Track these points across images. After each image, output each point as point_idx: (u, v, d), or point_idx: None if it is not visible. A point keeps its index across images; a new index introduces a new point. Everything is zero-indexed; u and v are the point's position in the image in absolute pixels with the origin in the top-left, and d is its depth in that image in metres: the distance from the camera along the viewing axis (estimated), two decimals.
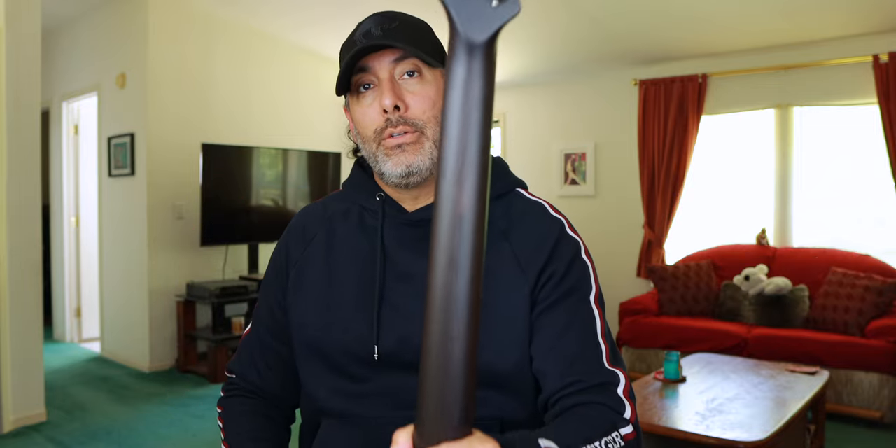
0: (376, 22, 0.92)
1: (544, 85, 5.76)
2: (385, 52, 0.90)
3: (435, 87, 0.92)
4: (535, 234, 0.94)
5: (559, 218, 0.97)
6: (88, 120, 5.51)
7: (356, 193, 1.03)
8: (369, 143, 0.93)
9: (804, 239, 4.72)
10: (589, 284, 0.94)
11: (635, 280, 5.26)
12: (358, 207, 1.03)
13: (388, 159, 0.91)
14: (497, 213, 0.97)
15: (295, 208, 5.24)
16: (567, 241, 0.95)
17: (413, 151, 0.90)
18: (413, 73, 0.91)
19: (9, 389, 3.53)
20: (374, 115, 0.91)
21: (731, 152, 5.03)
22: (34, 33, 3.66)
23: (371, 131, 0.92)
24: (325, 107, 5.77)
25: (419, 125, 0.90)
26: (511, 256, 0.93)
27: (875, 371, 3.60)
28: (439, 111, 0.90)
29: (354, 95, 0.94)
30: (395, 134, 0.90)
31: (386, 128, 0.90)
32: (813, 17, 4.13)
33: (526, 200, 1.00)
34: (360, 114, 0.93)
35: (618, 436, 0.80)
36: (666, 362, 3.03)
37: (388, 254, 0.96)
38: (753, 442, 2.27)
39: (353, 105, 0.95)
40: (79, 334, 5.62)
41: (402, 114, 0.89)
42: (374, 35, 0.89)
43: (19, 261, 3.57)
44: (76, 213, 5.57)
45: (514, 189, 1.01)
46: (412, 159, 0.90)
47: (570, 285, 0.92)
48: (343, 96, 0.98)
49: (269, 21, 5.04)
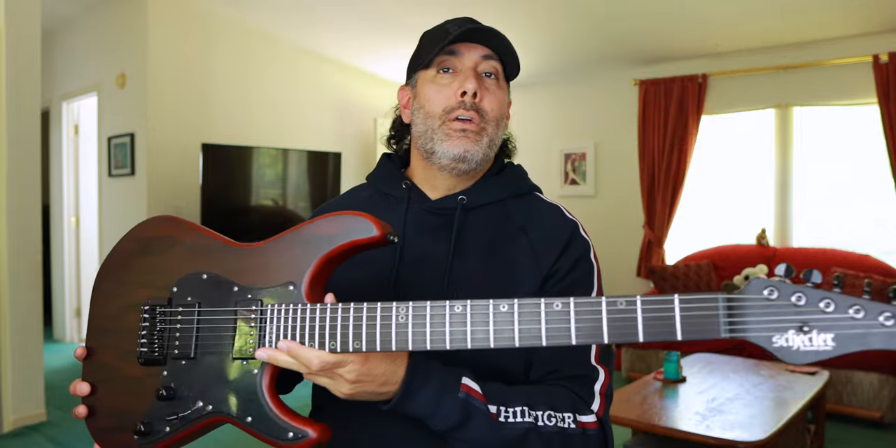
0: (472, 20, 0.98)
1: (544, 85, 5.76)
2: (476, 47, 0.96)
3: (504, 94, 0.99)
4: (551, 231, 0.99)
5: (573, 220, 1.03)
6: (88, 120, 5.51)
7: (382, 183, 1.06)
8: (433, 118, 0.96)
9: (804, 239, 4.72)
10: (591, 284, 0.98)
11: (635, 280, 5.26)
12: (380, 194, 1.06)
13: (448, 139, 0.95)
14: (518, 208, 1.02)
15: (295, 208, 5.24)
16: (578, 241, 0.99)
17: (474, 139, 0.95)
18: (492, 74, 0.98)
19: (9, 389, 3.53)
20: (448, 95, 0.95)
21: (731, 152, 5.03)
22: (34, 33, 3.66)
23: (440, 109, 0.96)
24: (325, 107, 5.77)
25: (486, 118, 0.96)
26: (529, 249, 0.97)
27: (875, 371, 3.60)
28: (502, 115, 0.99)
29: (431, 72, 0.98)
30: (462, 117, 0.94)
31: (457, 108, 0.94)
32: (813, 17, 4.13)
33: (544, 202, 1.06)
34: (435, 91, 0.97)
35: (571, 418, 0.83)
36: (666, 362, 3.03)
37: (406, 238, 0.99)
38: (753, 442, 2.27)
39: (427, 82, 0.98)
40: (79, 334, 5.62)
41: (478, 102, 0.94)
42: (473, 26, 0.95)
43: (19, 261, 3.57)
44: (76, 213, 5.57)
45: (532, 192, 1.07)
46: (471, 146, 0.95)
47: (573, 281, 0.96)
48: (411, 75, 1.03)
49: (269, 21, 5.04)
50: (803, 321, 0.56)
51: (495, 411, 0.80)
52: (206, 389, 0.83)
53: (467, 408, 0.79)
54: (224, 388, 0.82)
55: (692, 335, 0.60)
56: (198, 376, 0.84)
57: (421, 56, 1.00)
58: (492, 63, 0.97)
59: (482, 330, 0.70)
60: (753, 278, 0.60)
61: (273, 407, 0.79)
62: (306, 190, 5.34)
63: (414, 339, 0.72)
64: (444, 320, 0.71)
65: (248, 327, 0.82)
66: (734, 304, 0.59)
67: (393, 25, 4.52)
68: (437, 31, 1.00)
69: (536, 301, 0.68)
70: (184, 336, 0.85)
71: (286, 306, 0.80)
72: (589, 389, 0.89)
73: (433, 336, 0.72)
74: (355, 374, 0.75)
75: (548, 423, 0.82)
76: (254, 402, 0.80)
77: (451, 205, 0.99)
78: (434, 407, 0.79)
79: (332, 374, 0.76)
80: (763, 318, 0.58)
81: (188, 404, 0.83)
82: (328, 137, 5.78)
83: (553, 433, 0.82)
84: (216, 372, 0.83)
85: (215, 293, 0.85)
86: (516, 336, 0.68)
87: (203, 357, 0.84)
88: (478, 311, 0.70)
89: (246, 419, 0.80)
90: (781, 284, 0.58)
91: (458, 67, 0.96)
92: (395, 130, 1.10)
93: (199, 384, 0.83)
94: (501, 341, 0.68)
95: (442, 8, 3.74)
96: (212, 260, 0.87)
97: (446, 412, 0.79)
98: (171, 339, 0.86)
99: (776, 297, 0.58)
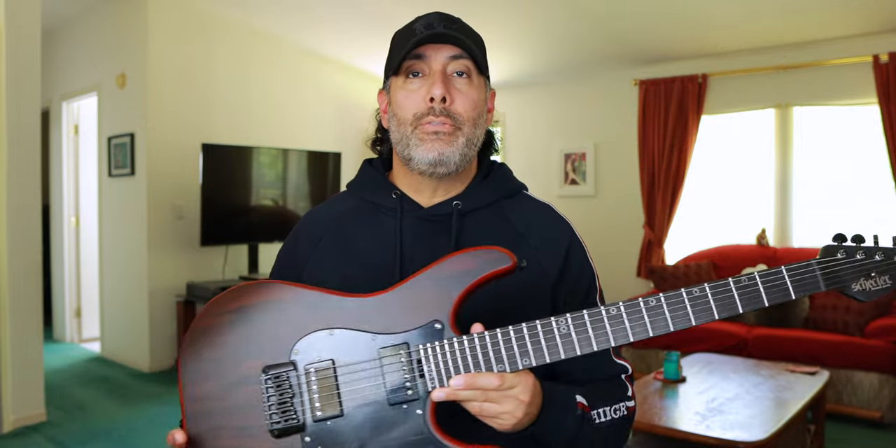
0: (439, 18, 0.97)
1: (544, 85, 5.76)
2: (444, 47, 0.94)
3: (478, 91, 0.97)
4: (550, 236, 1.01)
5: (567, 221, 1.05)
6: (88, 120, 5.51)
7: (368, 192, 1.05)
8: (405, 125, 0.96)
9: (804, 239, 4.72)
10: (596, 287, 1.03)
11: (635, 280, 5.26)
12: (368, 205, 1.04)
13: (422, 144, 0.94)
14: (512, 210, 1.02)
15: (295, 208, 5.24)
16: (577, 246, 1.02)
17: (447, 141, 0.94)
18: (463, 73, 0.96)
19: (9, 389, 3.53)
20: (417, 101, 0.94)
21: (731, 152, 5.03)
22: (34, 33, 3.66)
23: (411, 115, 0.95)
24: (325, 107, 5.78)
25: (459, 121, 0.94)
26: (533, 254, 0.98)
27: (875, 371, 3.60)
28: (478, 114, 0.97)
29: (400, 79, 0.97)
30: (434, 122, 0.93)
31: (427, 115, 0.94)
32: (813, 17, 4.13)
33: (535, 202, 1.06)
34: (404, 97, 0.96)
35: (623, 407, 0.96)
36: (666, 362, 3.03)
37: (405, 248, 0.98)
38: (753, 442, 2.27)
39: (397, 88, 0.97)
40: (79, 334, 5.62)
41: (447, 106, 0.93)
42: (437, 29, 0.94)
43: (19, 261, 3.57)
44: (76, 213, 5.57)
45: (521, 191, 1.07)
46: (445, 148, 0.94)
47: (584, 289, 1.01)
48: (386, 79, 1.02)
49: (269, 21, 5.04)
50: (868, 270, 0.78)
51: (594, 416, 0.90)
52: (364, 443, 0.83)
53: (581, 423, 0.88)
54: (386, 435, 0.83)
55: (801, 293, 0.79)
56: (350, 433, 0.83)
57: (390, 59, 0.99)
58: (462, 62, 0.95)
59: (639, 324, 0.81)
60: (825, 246, 0.81)
61: (444, 439, 0.82)
62: (306, 190, 5.34)
63: (580, 344, 0.81)
64: (603, 323, 0.81)
65: (401, 372, 0.83)
66: (824, 267, 0.79)
67: (396, 27, 4.51)
68: (405, 31, 0.98)
69: (678, 292, 0.80)
70: (325, 396, 0.84)
71: (440, 343, 0.83)
72: (622, 382, 0.99)
73: (598, 339, 0.81)
74: (529, 393, 0.81)
75: (614, 417, 0.93)
76: (425, 439, 0.82)
77: (446, 211, 0.99)
78: (559, 424, 0.86)
79: (506, 397, 0.80)
80: (843, 273, 0.79)
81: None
82: (328, 137, 5.79)
83: (617, 419, 0.94)
84: (373, 423, 0.83)
85: (350, 346, 0.85)
86: (670, 323, 0.80)
87: (353, 412, 0.83)
88: (631, 310, 0.81)
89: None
90: (847, 247, 0.79)
91: (426, 71, 0.95)
92: (377, 134, 1.10)
93: (354, 440, 0.83)
94: (658, 329, 0.81)
95: (443, 9, 3.73)
96: (330, 315, 0.86)
97: (567, 427, 0.87)
98: (309, 402, 0.84)
99: (845, 256, 0.79)
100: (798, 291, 0.79)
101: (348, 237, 1.02)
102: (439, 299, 0.84)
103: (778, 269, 0.80)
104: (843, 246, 0.79)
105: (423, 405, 0.82)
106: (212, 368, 0.87)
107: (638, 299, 0.81)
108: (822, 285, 0.78)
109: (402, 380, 0.83)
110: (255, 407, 0.85)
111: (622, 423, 0.95)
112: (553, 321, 0.81)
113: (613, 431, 0.94)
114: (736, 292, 0.80)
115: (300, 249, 1.05)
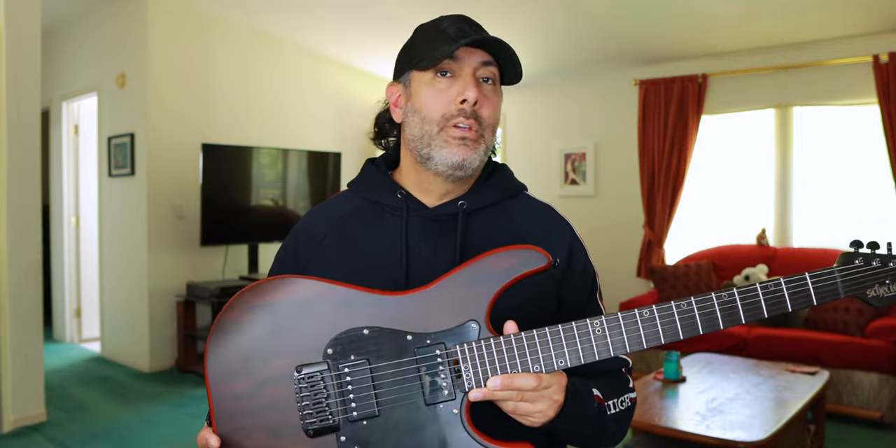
0: (469, 22, 0.98)
1: (544, 85, 5.76)
2: (476, 51, 0.95)
3: (499, 100, 0.99)
4: (553, 237, 1.02)
5: (567, 221, 1.06)
6: (88, 120, 5.51)
7: (372, 191, 1.04)
8: (430, 124, 0.95)
9: (804, 239, 4.72)
10: (596, 285, 1.05)
11: (635, 280, 5.26)
12: (371, 204, 1.04)
13: (447, 147, 0.94)
14: (514, 210, 1.03)
15: (295, 208, 5.25)
16: (578, 246, 1.03)
17: (472, 147, 0.95)
18: (489, 79, 0.97)
19: (9, 389, 3.53)
20: (446, 101, 0.94)
21: (731, 152, 5.03)
22: (34, 33, 3.66)
23: (439, 115, 0.95)
24: (325, 107, 5.78)
25: (483, 126, 0.95)
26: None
27: (875, 371, 3.60)
28: (497, 121, 0.99)
29: (428, 75, 0.96)
30: (462, 125, 0.94)
31: (457, 116, 0.94)
32: (813, 17, 4.13)
33: (536, 202, 1.07)
34: (433, 96, 0.95)
35: (627, 398, 1.00)
36: (666, 362, 3.04)
37: (410, 248, 0.98)
38: (753, 442, 2.27)
39: (423, 84, 0.96)
40: (79, 334, 5.62)
41: (477, 109, 0.94)
42: (470, 33, 0.95)
43: (19, 261, 3.57)
44: (76, 213, 5.57)
45: (521, 191, 1.07)
46: (469, 154, 0.95)
47: (588, 289, 1.03)
48: (403, 73, 1.00)
49: (269, 21, 5.04)
50: (882, 277, 0.81)
51: (607, 407, 0.94)
52: (400, 443, 0.83)
53: (598, 415, 0.91)
54: (423, 436, 0.83)
55: (822, 300, 0.81)
56: (387, 432, 0.83)
57: (415, 55, 0.97)
58: (490, 69, 0.96)
59: (670, 327, 0.82)
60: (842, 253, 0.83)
61: (481, 438, 0.82)
62: (306, 190, 5.34)
63: (614, 346, 0.82)
64: (637, 326, 0.82)
65: (438, 372, 0.83)
66: (844, 274, 0.81)
67: (397, 27, 4.52)
68: (434, 30, 0.97)
69: (708, 296, 0.82)
70: (360, 396, 0.83)
71: (477, 343, 0.83)
72: (624, 375, 1.02)
73: (630, 341, 0.82)
74: (562, 393, 0.84)
75: (622, 408, 0.97)
76: (461, 439, 0.82)
77: (451, 211, 0.99)
78: (582, 417, 0.88)
79: (541, 397, 0.82)
80: (862, 280, 0.81)
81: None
82: (328, 137, 5.79)
83: (624, 410, 0.97)
84: (409, 423, 0.83)
85: (386, 346, 0.84)
86: (699, 327, 0.82)
87: (389, 412, 0.83)
88: (663, 313, 0.82)
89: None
90: (863, 255, 0.82)
91: (456, 72, 0.95)
92: (379, 127, 1.08)
93: (390, 439, 0.83)
94: (687, 333, 0.83)
95: (444, 9, 3.73)
96: (365, 313, 0.85)
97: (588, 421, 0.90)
98: (344, 402, 0.84)
99: (863, 264, 0.81)
100: (820, 298, 0.81)
101: (352, 236, 1.02)
102: (476, 298, 0.84)
103: (802, 276, 0.82)
104: (860, 253, 0.82)
105: (460, 405, 0.82)
106: (240, 366, 0.85)
107: (670, 303, 0.82)
108: (842, 292, 0.81)
109: (439, 380, 0.83)
110: (288, 406, 0.84)
111: (627, 413, 0.99)
112: (588, 323, 0.83)
113: (620, 421, 0.97)
114: (763, 298, 0.81)
115: (301, 249, 1.05)
